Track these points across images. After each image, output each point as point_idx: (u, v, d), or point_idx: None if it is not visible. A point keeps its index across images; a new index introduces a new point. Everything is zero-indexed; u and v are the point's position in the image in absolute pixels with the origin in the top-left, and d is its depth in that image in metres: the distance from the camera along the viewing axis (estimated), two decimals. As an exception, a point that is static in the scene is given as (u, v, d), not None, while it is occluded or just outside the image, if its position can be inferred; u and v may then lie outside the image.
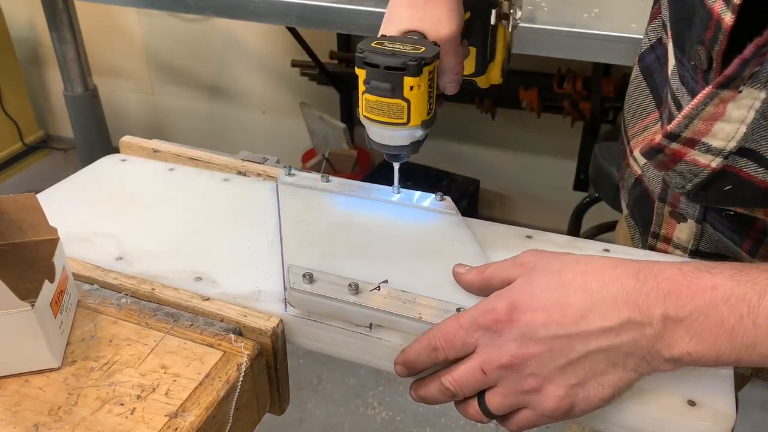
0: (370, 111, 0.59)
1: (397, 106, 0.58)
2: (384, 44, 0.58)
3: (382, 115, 0.59)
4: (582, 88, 1.96)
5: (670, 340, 0.44)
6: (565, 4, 1.42)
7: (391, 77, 0.56)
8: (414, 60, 0.56)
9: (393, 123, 0.59)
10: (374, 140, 0.63)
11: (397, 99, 0.57)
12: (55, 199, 0.73)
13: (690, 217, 0.61)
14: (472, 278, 0.55)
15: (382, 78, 0.57)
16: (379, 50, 0.57)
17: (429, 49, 0.58)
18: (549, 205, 2.34)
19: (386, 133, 0.61)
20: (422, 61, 0.56)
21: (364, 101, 0.59)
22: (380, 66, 0.56)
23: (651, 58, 0.65)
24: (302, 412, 1.84)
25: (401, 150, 0.63)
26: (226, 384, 0.51)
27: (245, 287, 0.59)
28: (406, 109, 0.58)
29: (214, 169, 0.78)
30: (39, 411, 0.48)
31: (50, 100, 2.98)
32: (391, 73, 0.56)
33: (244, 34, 2.47)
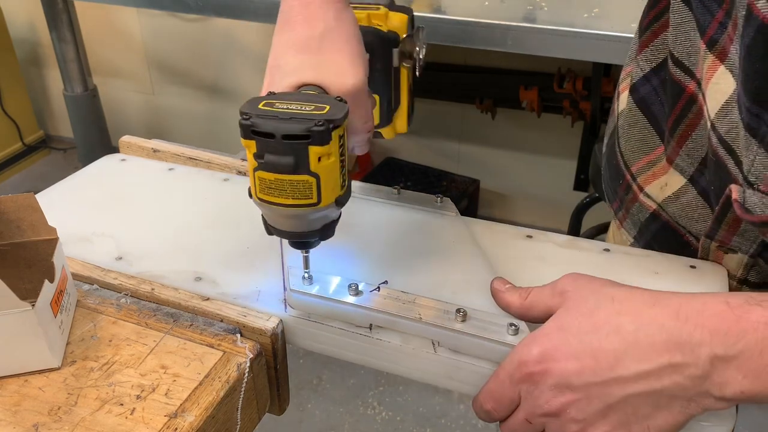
0: (268, 192, 0.47)
1: (304, 183, 0.46)
2: (275, 105, 0.46)
3: (284, 197, 0.46)
4: (582, 88, 1.96)
5: (721, 380, 0.42)
6: (565, 4, 1.42)
7: (293, 148, 0.45)
8: (320, 124, 0.44)
9: (300, 205, 0.47)
10: (275, 227, 0.51)
11: (302, 175, 0.46)
12: (54, 199, 0.73)
13: (742, 252, 0.59)
14: (511, 302, 0.53)
15: (281, 150, 0.45)
16: (272, 114, 0.45)
17: (334, 106, 0.46)
18: (549, 205, 2.34)
19: (291, 218, 0.49)
20: (330, 124, 0.45)
21: (257, 180, 0.47)
22: (276, 135, 0.45)
23: (646, 89, 0.63)
24: (302, 412, 1.84)
25: (311, 236, 0.51)
26: (226, 384, 0.51)
27: (245, 287, 0.59)
28: (315, 186, 0.46)
29: (213, 169, 0.78)
30: (39, 411, 0.48)
31: (50, 100, 2.98)
32: (293, 143, 0.45)
33: (244, 34, 2.47)
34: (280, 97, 0.48)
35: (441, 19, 1.39)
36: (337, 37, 0.52)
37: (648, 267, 0.62)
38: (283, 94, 0.49)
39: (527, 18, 1.37)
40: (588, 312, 0.47)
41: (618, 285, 0.49)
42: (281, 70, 0.52)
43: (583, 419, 0.46)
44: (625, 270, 0.62)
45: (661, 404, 0.44)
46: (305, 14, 0.52)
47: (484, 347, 0.51)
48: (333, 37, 0.52)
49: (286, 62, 0.52)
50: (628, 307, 0.46)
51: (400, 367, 0.55)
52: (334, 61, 0.51)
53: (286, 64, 0.52)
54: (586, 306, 0.47)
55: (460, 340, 0.52)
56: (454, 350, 0.53)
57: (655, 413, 0.45)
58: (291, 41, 0.52)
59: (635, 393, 0.44)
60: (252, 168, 0.47)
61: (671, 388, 0.43)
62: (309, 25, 0.52)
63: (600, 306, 0.47)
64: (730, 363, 0.42)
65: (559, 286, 0.50)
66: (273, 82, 0.52)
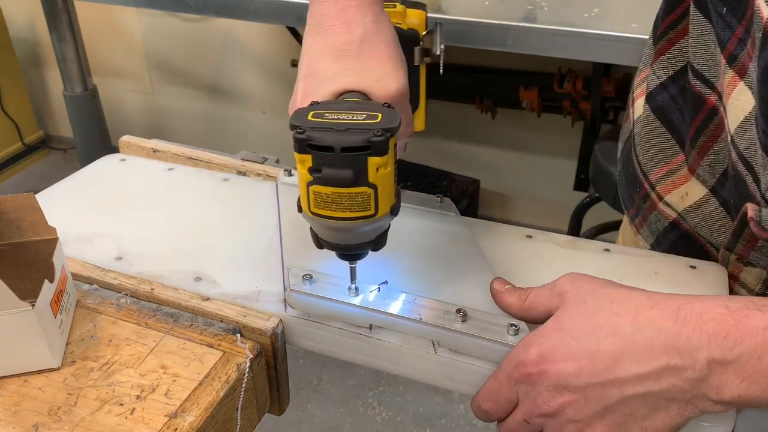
0: (323, 206, 0.45)
1: (362, 195, 0.45)
2: (325, 115, 0.45)
3: (341, 210, 0.45)
4: (582, 88, 1.95)
5: (718, 383, 0.42)
6: (565, 4, 1.42)
7: (352, 161, 0.43)
8: (379, 134, 0.43)
9: (357, 217, 0.46)
10: (328, 241, 0.50)
11: (361, 187, 0.44)
12: (54, 198, 0.73)
13: (761, 267, 0.59)
14: (511, 302, 0.53)
15: (340, 163, 0.43)
16: (326, 125, 0.44)
17: (386, 114, 0.45)
18: (549, 205, 2.34)
19: (346, 231, 0.48)
20: (388, 133, 0.44)
21: (311, 195, 0.45)
22: (335, 148, 0.43)
23: (664, 97, 0.62)
24: (302, 412, 1.84)
25: (365, 247, 0.50)
26: (226, 384, 0.51)
27: (245, 287, 0.59)
28: (372, 198, 0.45)
29: (213, 169, 0.78)
30: (38, 411, 0.48)
31: (50, 100, 2.98)
32: (352, 155, 0.43)
33: (244, 34, 2.47)
34: (326, 106, 0.46)
35: (441, 19, 1.39)
36: (377, 41, 0.50)
37: (648, 267, 0.62)
38: (329, 103, 0.48)
39: (527, 18, 1.36)
40: (587, 313, 0.47)
41: (617, 286, 0.49)
42: (318, 78, 0.50)
43: (580, 420, 0.46)
44: (625, 270, 0.62)
45: (659, 406, 0.44)
46: (342, 18, 0.50)
47: (484, 347, 0.51)
48: (372, 42, 0.50)
49: (324, 69, 0.50)
50: (627, 309, 0.46)
51: (400, 367, 0.55)
52: (375, 66, 0.50)
53: (325, 70, 0.50)
54: (585, 307, 0.47)
55: (460, 341, 0.52)
56: (454, 350, 0.53)
57: (653, 415, 0.45)
58: (328, 47, 0.50)
59: (633, 395, 0.44)
60: (305, 182, 0.45)
61: (669, 391, 0.44)
62: (347, 30, 0.50)
63: (599, 307, 0.47)
64: (727, 367, 0.42)
65: (558, 286, 0.50)
66: (310, 90, 0.50)
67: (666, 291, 0.59)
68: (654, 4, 0.71)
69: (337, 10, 0.50)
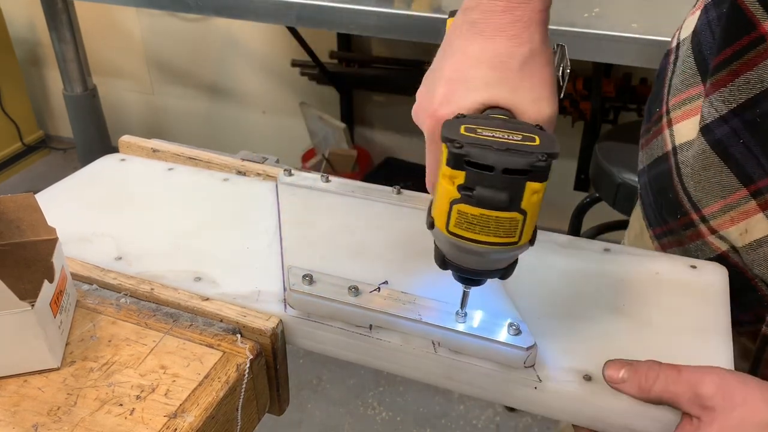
0: (468, 228, 0.42)
1: (511, 221, 0.42)
2: (477, 131, 0.41)
3: (486, 234, 0.42)
4: (582, 88, 1.95)
5: None
6: (565, 4, 1.42)
7: (511, 184, 0.40)
8: (542, 158, 0.40)
9: (500, 243, 0.42)
10: (459, 264, 0.46)
11: (513, 212, 0.41)
12: (54, 198, 0.73)
13: None
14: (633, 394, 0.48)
15: (497, 184, 0.40)
16: (485, 142, 0.40)
17: (545, 138, 0.42)
18: (549, 205, 2.32)
19: (482, 256, 0.44)
20: (551, 158, 0.41)
21: (455, 214, 0.42)
22: (495, 168, 0.40)
23: (723, 131, 0.58)
24: (302, 412, 1.84)
25: (493, 274, 0.47)
26: (226, 384, 0.51)
27: (245, 287, 0.59)
28: (520, 224, 0.42)
29: (213, 169, 0.78)
30: (38, 411, 0.48)
31: (50, 100, 2.98)
32: (512, 178, 0.40)
33: (244, 34, 2.47)
34: (477, 121, 0.43)
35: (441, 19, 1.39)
36: (540, 62, 0.47)
37: (649, 267, 0.62)
38: (478, 118, 0.44)
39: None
40: None
41: None
42: (469, 84, 0.46)
43: None
44: (626, 270, 0.62)
45: None
46: (511, 31, 0.46)
47: (484, 348, 0.51)
48: (536, 61, 0.46)
49: (478, 76, 0.46)
50: None
51: (400, 367, 0.55)
52: (534, 86, 0.46)
53: (478, 78, 0.46)
54: None
55: (460, 341, 0.52)
56: (454, 351, 0.53)
57: None
58: (486, 55, 0.46)
59: None
60: (449, 199, 0.42)
61: None
62: (514, 43, 0.46)
63: None
64: None
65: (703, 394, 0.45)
66: (455, 94, 0.46)
67: (666, 291, 0.60)
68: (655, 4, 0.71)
69: (507, 22, 0.46)
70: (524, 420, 1.83)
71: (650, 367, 0.48)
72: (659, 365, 0.48)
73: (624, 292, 0.59)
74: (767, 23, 0.53)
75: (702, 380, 0.45)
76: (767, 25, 0.53)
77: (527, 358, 0.50)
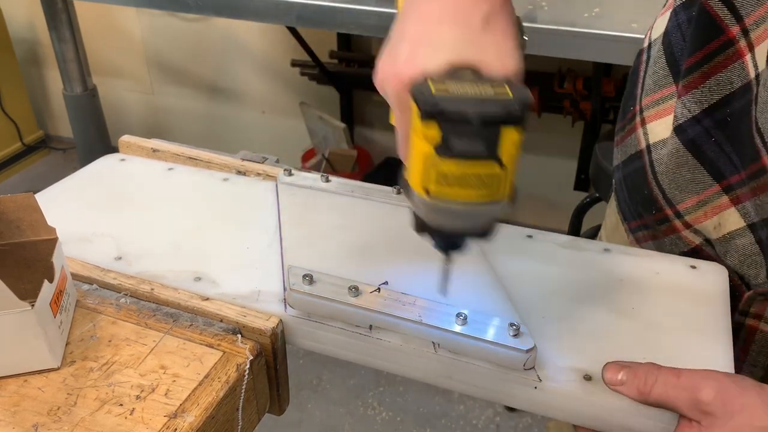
0: (449, 186, 0.41)
1: (491, 174, 0.41)
2: (448, 90, 0.41)
3: (468, 190, 0.41)
4: (582, 88, 1.96)
5: None
6: (565, 4, 1.42)
7: (489, 134, 0.40)
8: (517, 104, 0.40)
9: (481, 200, 0.42)
10: (441, 226, 0.45)
11: (493, 162, 0.41)
12: (54, 198, 0.73)
13: None
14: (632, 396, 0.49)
15: (473, 134, 0.40)
16: (457, 97, 0.40)
17: (516, 89, 0.41)
18: (549, 205, 2.34)
19: (465, 216, 0.43)
20: (525, 105, 0.40)
21: (434, 173, 0.41)
22: (473, 120, 0.39)
23: (696, 131, 0.60)
24: (302, 412, 1.84)
25: (476, 234, 0.46)
26: (226, 384, 0.51)
27: (245, 287, 0.59)
28: (501, 179, 0.41)
29: (213, 169, 0.78)
30: (38, 411, 0.48)
31: (50, 100, 2.98)
32: (489, 129, 0.40)
33: (244, 34, 2.47)
34: (444, 79, 0.42)
35: None
36: (502, 18, 0.46)
37: (648, 267, 0.62)
38: (446, 76, 0.43)
39: (527, 18, 1.36)
40: None
41: None
42: (433, 44, 0.44)
43: None
44: (626, 270, 0.62)
45: None
46: None
47: (484, 350, 0.51)
48: (498, 18, 0.46)
49: (443, 35, 0.44)
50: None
51: (400, 367, 0.55)
52: (498, 42, 0.45)
53: (443, 37, 0.44)
54: None
55: (460, 343, 0.52)
56: (454, 352, 0.53)
57: None
58: (448, 14, 0.45)
59: None
60: (426, 158, 0.41)
61: None
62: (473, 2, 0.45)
63: None
64: None
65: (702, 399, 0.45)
66: (419, 55, 0.44)
67: (666, 291, 0.60)
68: (655, 4, 0.71)
69: None
70: (524, 420, 1.83)
71: (649, 370, 0.48)
72: (658, 368, 0.48)
73: (624, 292, 0.59)
74: (735, 28, 0.55)
75: (701, 386, 0.45)
76: (735, 29, 0.55)
77: (527, 360, 0.50)
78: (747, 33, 0.55)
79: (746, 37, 0.55)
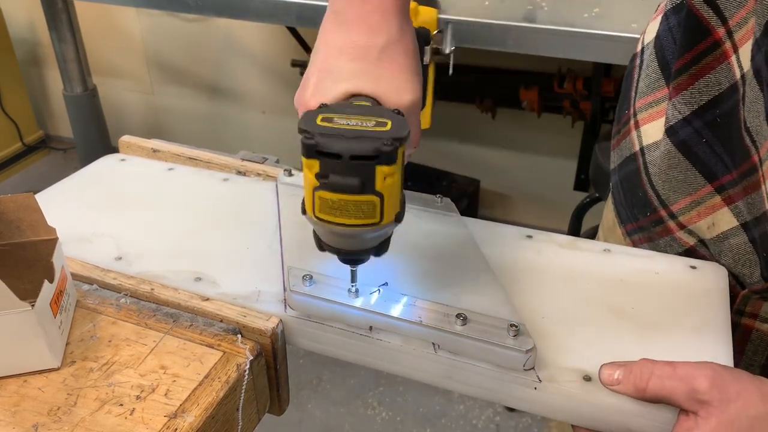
0: (328, 212, 0.45)
1: (368, 203, 0.44)
2: (334, 120, 0.44)
3: (346, 216, 0.45)
4: (582, 88, 1.95)
5: None
6: (565, 4, 1.42)
7: (360, 169, 0.43)
8: (388, 143, 0.42)
9: (362, 224, 0.45)
10: (331, 245, 0.50)
11: (368, 195, 0.44)
12: (54, 199, 0.73)
13: None
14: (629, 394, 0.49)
15: (347, 171, 0.43)
16: (335, 131, 0.43)
17: (396, 122, 0.44)
18: (549, 205, 2.34)
19: (350, 237, 0.47)
20: (397, 142, 0.43)
21: (317, 200, 0.45)
22: (343, 156, 0.42)
23: (687, 132, 0.61)
24: (302, 412, 1.84)
25: (367, 253, 0.50)
26: (226, 384, 0.51)
27: (245, 287, 0.59)
28: (378, 206, 0.44)
29: (213, 169, 0.78)
30: (38, 411, 0.48)
31: (50, 100, 2.98)
32: (360, 163, 0.43)
33: (244, 34, 2.47)
34: (335, 109, 0.46)
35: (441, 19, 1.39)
36: (398, 50, 0.49)
37: (648, 267, 0.62)
38: (338, 106, 0.47)
39: (527, 18, 1.37)
40: None
41: None
42: (333, 75, 0.49)
43: None
44: (626, 270, 0.62)
45: None
46: (368, 22, 0.49)
47: (484, 350, 0.51)
48: (394, 51, 0.49)
49: (341, 67, 0.48)
50: None
51: (400, 367, 0.55)
52: (394, 75, 0.49)
53: (341, 69, 0.48)
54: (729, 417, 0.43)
55: (460, 344, 0.52)
56: (454, 353, 0.53)
57: None
58: (348, 46, 0.49)
59: None
60: (312, 187, 0.45)
61: None
62: (370, 34, 0.49)
63: None
64: None
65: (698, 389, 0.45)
66: (322, 85, 0.49)
67: (666, 291, 0.60)
68: (655, 4, 0.71)
69: (364, 12, 0.49)
70: (524, 420, 1.83)
71: (644, 365, 0.48)
72: (653, 363, 0.48)
73: (624, 292, 0.60)
74: (721, 30, 0.56)
75: (696, 375, 0.46)
76: (721, 31, 0.56)
77: (527, 360, 0.50)
78: (731, 34, 0.55)
79: (731, 39, 0.55)
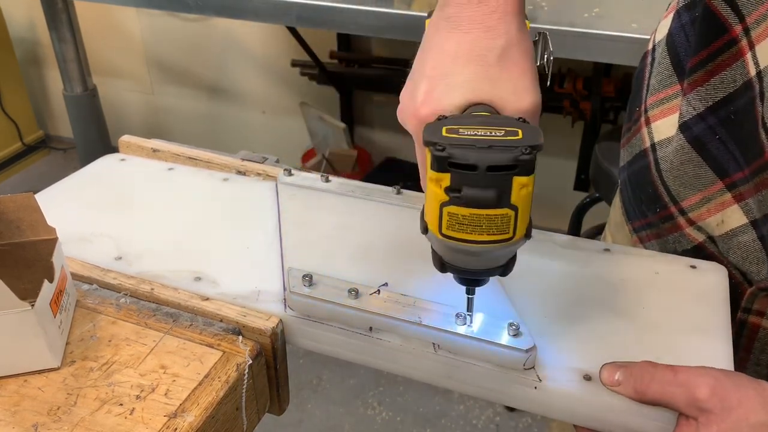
0: (459, 228, 0.42)
1: (502, 217, 0.41)
2: (459, 131, 0.41)
3: (478, 232, 0.41)
4: (582, 88, 1.96)
5: None
6: (565, 4, 1.42)
7: (497, 180, 0.40)
8: (526, 152, 0.40)
9: (494, 241, 0.42)
10: (457, 265, 0.46)
11: (503, 209, 0.41)
12: (54, 198, 0.73)
13: None
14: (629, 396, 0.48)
15: (483, 183, 0.40)
16: (467, 141, 0.40)
17: (527, 130, 0.41)
18: (549, 205, 2.34)
19: (478, 255, 0.44)
20: (535, 150, 0.40)
21: (446, 216, 0.42)
22: (479, 167, 0.39)
23: (701, 128, 0.61)
24: (302, 412, 1.84)
25: (493, 272, 0.46)
26: (226, 384, 0.51)
27: (245, 287, 0.59)
28: (512, 220, 0.41)
29: (213, 169, 0.78)
30: (38, 411, 0.48)
31: (50, 100, 2.98)
32: (497, 174, 0.40)
33: (244, 34, 2.47)
34: (458, 121, 0.43)
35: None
36: (518, 52, 0.46)
37: (648, 267, 0.62)
38: (460, 118, 0.44)
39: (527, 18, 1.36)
40: None
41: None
42: (448, 81, 0.45)
43: None
44: (626, 270, 0.62)
45: None
46: (486, 24, 0.45)
47: (484, 350, 0.51)
48: (513, 53, 0.46)
49: (457, 73, 0.45)
50: None
51: (400, 366, 0.55)
52: (513, 77, 0.45)
53: (457, 74, 0.45)
54: None
55: (460, 344, 0.52)
56: (454, 352, 0.53)
57: None
58: (464, 50, 0.46)
59: None
60: (439, 202, 0.41)
61: None
62: (490, 35, 0.45)
63: None
64: None
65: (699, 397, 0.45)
66: (435, 93, 0.46)
67: (666, 291, 0.60)
68: (655, 4, 0.71)
69: (481, 14, 0.46)
70: (524, 420, 1.83)
71: (645, 369, 0.48)
72: (654, 367, 0.48)
73: (624, 292, 0.59)
74: (737, 27, 0.56)
75: (697, 383, 0.45)
76: (738, 28, 0.56)
77: (527, 360, 0.50)
78: (748, 32, 0.55)
79: (747, 36, 0.55)
